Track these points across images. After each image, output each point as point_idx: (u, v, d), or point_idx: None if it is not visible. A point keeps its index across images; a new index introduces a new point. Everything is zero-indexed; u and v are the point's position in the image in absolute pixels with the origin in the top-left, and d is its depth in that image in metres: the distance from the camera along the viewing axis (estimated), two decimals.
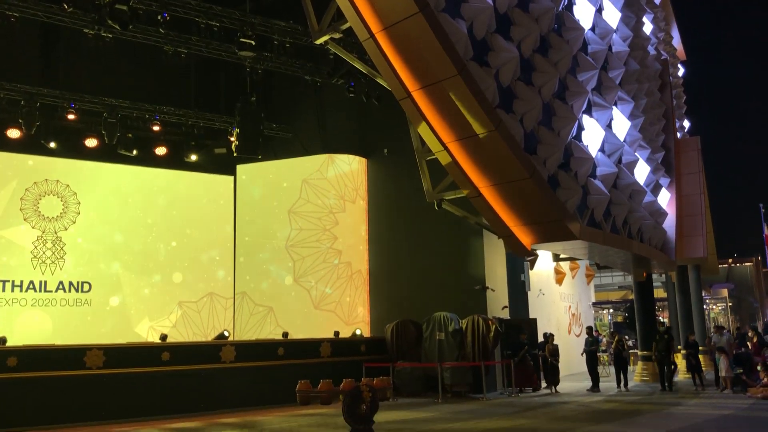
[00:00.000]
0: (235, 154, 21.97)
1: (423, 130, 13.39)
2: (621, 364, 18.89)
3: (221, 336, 18.42)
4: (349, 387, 9.00)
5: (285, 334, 18.70)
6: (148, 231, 22.59)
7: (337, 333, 19.64)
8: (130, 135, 21.68)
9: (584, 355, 19.33)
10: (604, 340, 30.70)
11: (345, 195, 22.71)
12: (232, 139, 22.04)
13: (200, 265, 23.16)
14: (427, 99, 12.82)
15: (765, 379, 16.32)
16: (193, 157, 23.06)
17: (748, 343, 19.59)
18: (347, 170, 22.87)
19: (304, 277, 22.39)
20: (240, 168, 23.76)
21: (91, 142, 21.17)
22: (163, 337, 17.28)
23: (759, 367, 16.98)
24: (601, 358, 26.26)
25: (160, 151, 22.17)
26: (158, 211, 22.80)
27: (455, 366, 17.20)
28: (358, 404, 7.48)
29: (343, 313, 22.08)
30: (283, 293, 22.57)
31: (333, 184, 22.71)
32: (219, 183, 23.78)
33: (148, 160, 22.29)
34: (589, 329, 20.63)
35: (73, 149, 21.29)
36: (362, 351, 18.50)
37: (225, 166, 23.67)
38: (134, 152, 21.89)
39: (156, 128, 21.76)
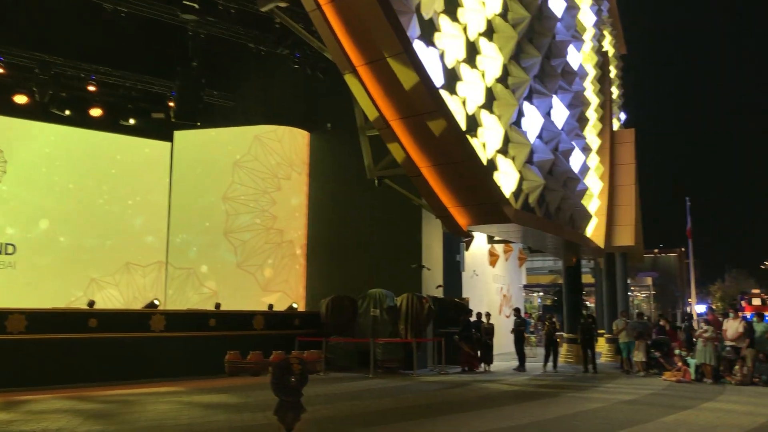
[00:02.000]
0: (173, 120, 21.43)
1: (366, 106, 13.38)
2: (552, 346, 19.48)
3: (151, 305, 18.08)
4: (278, 359, 9.00)
5: (217, 306, 18.51)
6: (80, 194, 21.88)
7: (271, 306, 19.57)
8: (63, 94, 20.83)
9: (513, 335, 19.86)
10: (532, 321, 31.64)
11: (280, 171, 22.48)
12: (171, 104, 21.48)
13: (132, 232, 22.61)
14: (371, 75, 12.80)
15: (679, 364, 17.15)
16: (131, 121, 22.37)
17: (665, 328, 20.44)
18: (289, 143, 22.64)
19: (248, 261, 22.07)
20: (178, 134, 23.21)
21: (20, 99, 20.19)
22: (91, 304, 16.85)
23: (676, 352, 17.81)
24: (529, 339, 27.08)
25: (95, 112, 21.39)
26: (91, 174, 22.09)
27: (388, 342, 17.41)
28: (286, 376, 7.47)
29: (291, 291, 22.00)
30: (223, 268, 22.27)
31: (274, 155, 22.44)
32: (155, 148, 23.18)
33: (82, 121, 21.49)
34: (517, 310, 21.18)
35: (0, 105, 20.32)
36: (296, 325, 18.51)
37: (162, 131, 23.06)
38: (67, 112, 21.07)
39: (91, 88, 20.96)
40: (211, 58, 21.96)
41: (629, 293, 36.81)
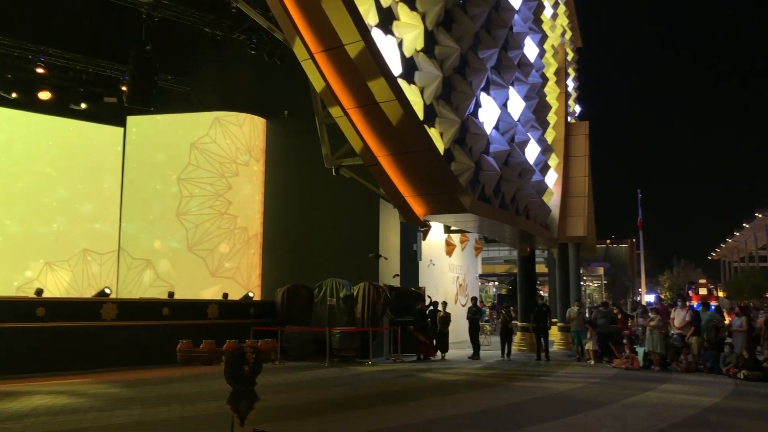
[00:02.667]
0: (126, 105, 20.94)
1: (324, 94, 13.27)
2: (506, 335, 19.74)
3: (102, 293, 17.69)
4: (232, 348, 8.92)
5: (171, 294, 18.23)
6: (28, 179, 21.24)
7: (225, 295, 19.36)
8: (9, 75, 20.14)
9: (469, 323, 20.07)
10: (487, 311, 32.04)
11: (239, 157, 22.20)
12: (124, 88, 20.97)
13: (82, 219, 22.08)
14: (329, 62, 12.70)
15: (628, 351, 17.60)
16: (82, 105, 21.78)
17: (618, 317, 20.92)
18: (245, 129, 22.35)
19: (199, 245, 21.74)
20: (131, 119, 22.70)
21: None
22: (39, 292, 16.39)
23: (625, 341, 18.26)
24: (484, 328, 27.42)
25: (44, 95, 20.76)
26: (40, 159, 21.46)
27: (344, 331, 17.42)
28: (240, 365, 7.40)
29: (241, 278, 21.75)
30: (174, 255, 21.89)
31: (226, 145, 22.11)
32: (107, 134, 22.63)
33: (29, 104, 20.83)
34: (474, 299, 21.42)
35: None
36: (251, 314, 18.36)
37: (115, 116, 22.51)
38: (14, 95, 20.39)
39: (40, 70, 20.32)
40: (166, 42, 21.50)
41: (581, 283, 37.57)
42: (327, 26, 12.16)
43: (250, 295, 20.50)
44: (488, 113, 17.05)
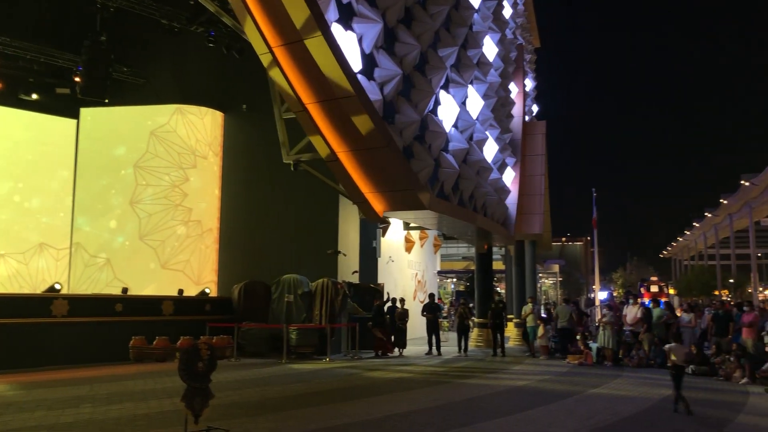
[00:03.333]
0: (79, 96, 20.41)
1: (283, 88, 13.17)
2: (463, 331, 19.89)
3: (52, 289, 17.27)
4: (186, 344, 8.79)
5: (125, 290, 17.89)
6: None
7: (181, 291, 19.09)
8: None
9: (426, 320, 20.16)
10: (446, 307, 32.25)
11: (198, 150, 21.85)
12: (77, 79, 20.44)
13: (33, 213, 21.46)
14: (288, 56, 12.61)
15: (582, 347, 17.93)
16: (33, 96, 21.15)
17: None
18: (202, 123, 22.01)
19: (151, 235, 21.36)
20: (84, 111, 22.13)
21: None
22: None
23: (578, 337, 18.60)
24: (442, 324, 27.62)
25: None
26: None
27: (302, 328, 17.34)
28: (194, 362, 7.30)
29: (192, 272, 21.39)
30: (125, 247, 21.45)
31: (186, 136, 21.75)
32: (60, 126, 22.02)
33: None
34: (431, 296, 21.54)
35: None
36: (207, 310, 18.13)
37: (67, 108, 21.93)
38: None
39: None
40: (121, 33, 21.02)
41: (537, 280, 38.14)
42: (286, 20, 12.07)
43: (207, 291, 20.25)
44: (447, 111, 17.17)
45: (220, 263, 21.90)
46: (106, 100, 20.75)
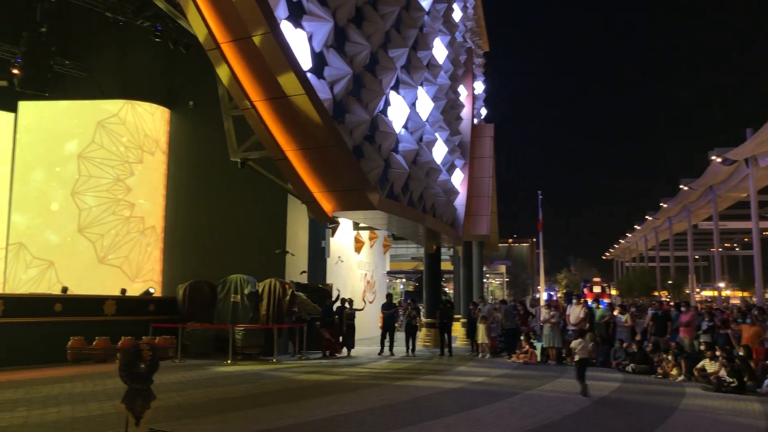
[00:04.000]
0: (17, 89, 19.69)
1: (231, 85, 12.97)
2: (410, 331, 19.95)
3: None
4: (127, 345, 8.57)
5: (64, 290, 17.34)
6: None
7: (124, 291, 18.62)
8: None
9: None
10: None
11: (143, 146, 21.34)
12: (15, 71, 19.72)
13: None
14: (236, 53, 12.42)
15: (526, 347, 18.22)
16: None
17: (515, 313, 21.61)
18: (147, 119, 21.51)
19: (90, 228, 20.71)
20: (23, 105, 21.35)
21: None
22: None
23: (522, 336, 18.89)
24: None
25: None
26: None
27: (248, 328, 17.12)
28: (136, 363, 7.11)
29: (130, 269, 20.80)
30: (65, 244, 20.77)
31: (130, 132, 21.19)
32: None
33: None
34: (389, 296, 21.54)
35: None
36: (151, 311, 17.73)
37: (5, 101, 21.12)
38: None
39: None
40: (63, 25, 20.38)
41: (485, 280, 38.63)
42: (235, 16, 11.90)
43: (151, 291, 19.80)
44: (398, 112, 17.21)
45: (165, 262, 21.45)
46: (47, 94, 20.08)
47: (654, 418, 9.84)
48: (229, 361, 16.20)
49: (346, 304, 19.62)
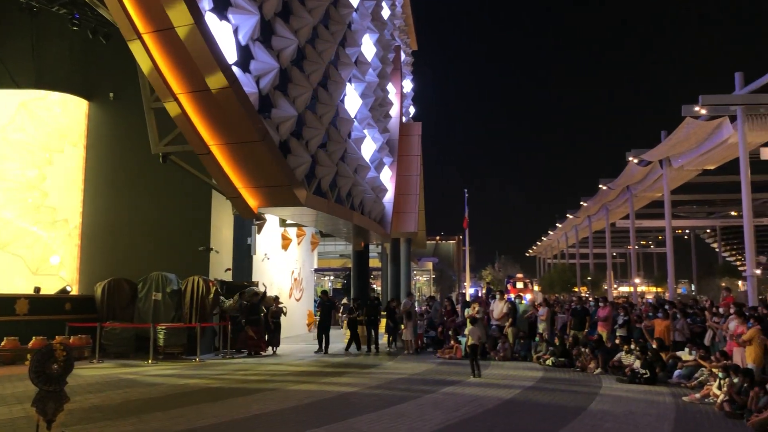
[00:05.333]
0: None
1: (152, 77, 12.60)
2: (353, 328, 19.83)
3: None
4: (39, 345, 8.19)
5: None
6: None
7: (37, 289, 17.79)
8: None
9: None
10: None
11: (59, 138, 20.38)
12: None
13: None
14: (158, 44, 12.08)
15: (452, 342, 18.51)
16: None
17: (442, 310, 21.92)
18: (63, 110, 20.56)
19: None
20: None
21: None
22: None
23: (450, 332, 19.17)
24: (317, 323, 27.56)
25: None
26: None
27: (170, 327, 16.69)
28: (48, 364, 6.82)
29: (33, 260, 19.64)
30: None
31: (45, 124, 20.20)
32: None
33: None
34: (324, 293, 21.41)
35: None
36: (67, 310, 17.02)
37: None
38: None
39: None
40: None
41: (412, 277, 38.99)
42: (157, 6, 11.57)
43: (68, 289, 18.97)
44: (325, 108, 17.13)
45: (82, 259, 20.58)
46: None
47: (571, 410, 10.17)
48: (150, 361, 15.75)
49: (272, 301, 19.40)
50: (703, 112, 21.50)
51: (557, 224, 69.61)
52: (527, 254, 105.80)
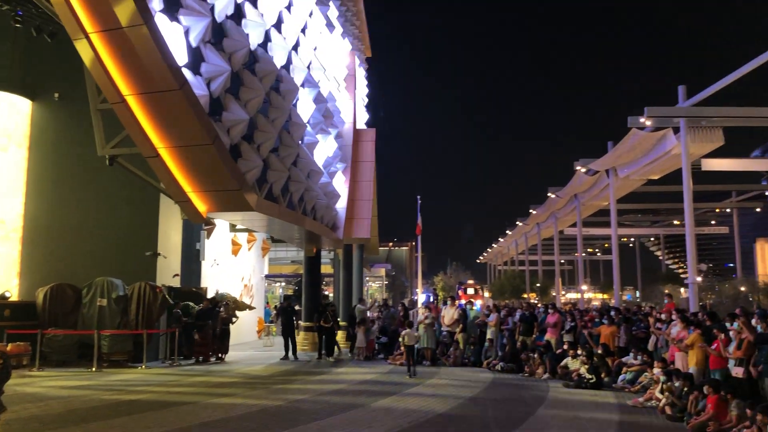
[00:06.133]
0: None
1: (100, 77, 12.29)
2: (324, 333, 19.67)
3: None
4: None
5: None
6: None
7: None
8: None
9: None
10: (273, 312, 31.75)
11: (4, 137, 19.67)
12: None
13: None
14: (106, 44, 11.79)
15: (402, 348, 18.52)
16: None
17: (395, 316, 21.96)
18: (8, 110, 19.87)
19: None
20: None
21: None
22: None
23: (400, 339, 19.18)
24: (270, 329, 27.30)
25: None
26: None
27: (115, 334, 16.27)
28: None
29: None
30: None
31: None
32: None
33: None
34: (288, 297, 21.16)
35: None
36: (6, 316, 16.41)
37: None
38: None
39: None
40: None
41: (365, 283, 38.99)
42: (105, 5, 11.30)
43: (7, 295, 18.29)
44: (278, 112, 16.99)
45: (23, 264, 19.87)
46: None
47: (520, 414, 10.30)
48: (93, 369, 15.32)
49: (221, 307, 19.09)
50: (648, 123, 22.11)
51: (507, 231, 70.62)
52: (478, 261, 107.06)
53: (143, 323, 16.65)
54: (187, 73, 12.61)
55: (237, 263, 25.81)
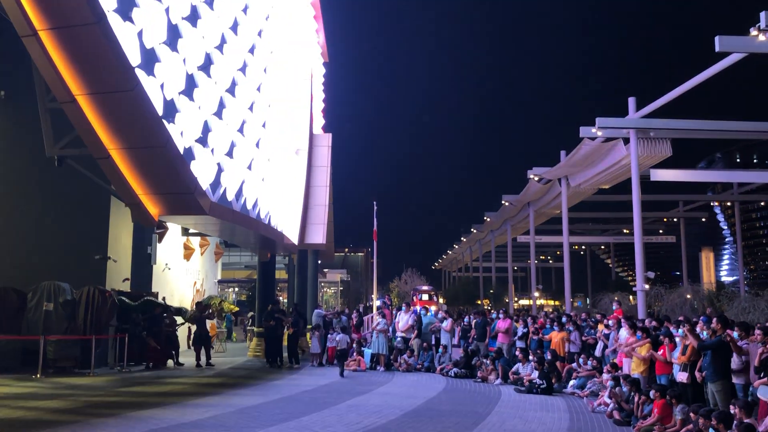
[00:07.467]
0: None
1: (49, 76, 11.96)
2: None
3: None
4: None
5: None
6: None
7: None
8: None
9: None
10: (233, 318, 31.28)
11: None
12: None
13: None
14: (56, 42, 11.48)
15: (356, 354, 18.52)
16: None
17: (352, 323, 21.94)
18: None
19: None
20: None
21: None
22: None
23: (354, 345, 19.16)
24: (223, 335, 26.90)
25: None
26: None
27: (62, 339, 15.82)
28: None
29: None
30: None
31: None
32: None
33: None
34: (275, 304, 20.87)
35: None
36: None
37: None
38: None
39: None
40: None
41: (319, 289, 38.83)
42: (55, 1, 11.02)
43: None
44: (233, 115, 16.84)
45: None
46: None
47: (473, 418, 10.40)
48: (38, 375, 14.84)
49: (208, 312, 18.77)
50: (599, 134, 22.59)
51: (462, 238, 71.20)
52: (433, 267, 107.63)
53: (92, 328, 16.24)
54: (141, 74, 12.39)
55: (189, 268, 25.41)
